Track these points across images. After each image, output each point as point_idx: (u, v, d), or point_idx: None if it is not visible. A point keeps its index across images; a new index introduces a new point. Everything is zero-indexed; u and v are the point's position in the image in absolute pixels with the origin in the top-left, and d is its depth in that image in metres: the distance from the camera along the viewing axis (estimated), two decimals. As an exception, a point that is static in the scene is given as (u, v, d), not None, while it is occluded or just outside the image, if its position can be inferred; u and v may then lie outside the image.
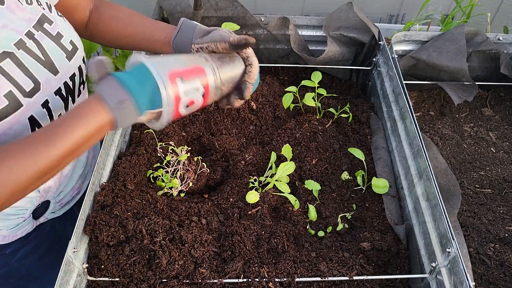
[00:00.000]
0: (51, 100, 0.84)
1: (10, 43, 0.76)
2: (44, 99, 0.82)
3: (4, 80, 0.74)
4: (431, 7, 2.19)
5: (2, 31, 0.75)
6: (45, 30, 0.83)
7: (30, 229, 1.05)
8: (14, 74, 0.76)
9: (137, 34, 0.99)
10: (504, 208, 1.26)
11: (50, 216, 1.10)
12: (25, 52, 0.79)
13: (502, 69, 1.52)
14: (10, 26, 0.77)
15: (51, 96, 0.84)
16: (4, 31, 0.76)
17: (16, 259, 1.06)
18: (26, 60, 0.79)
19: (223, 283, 0.89)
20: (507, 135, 1.51)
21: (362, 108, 1.42)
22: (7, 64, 0.75)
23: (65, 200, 1.11)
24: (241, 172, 1.17)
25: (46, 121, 0.84)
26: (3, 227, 0.98)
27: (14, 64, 0.76)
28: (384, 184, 1.12)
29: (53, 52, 0.84)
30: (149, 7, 2.12)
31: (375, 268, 0.98)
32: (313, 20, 1.54)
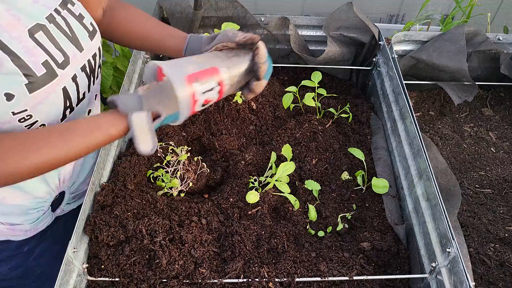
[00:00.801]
0: (79, 75, 0.88)
1: (42, 16, 0.80)
2: (73, 73, 0.86)
3: (39, 50, 0.78)
4: (431, 7, 2.19)
5: (34, 5, 0.79)
6: (69, 10, 0.87)
7: (49, 222, 1.07)
8: (47, 46, 0.80)
9: (150, 38, 1.04)
10: (504, 208, 1.26)
11: (66, 208, 1.12)
12: (55, 26, 0.82)
13: (502, 69, 1.52)
14: (41, 2, 0.80)
15: (78, 71, 0.87)
16: (36, 5, 0.79)
17: (32, 257, 1.08)
18: (56, 34, 0.82)
19: (223, 283, 0.89)
20: (507, 135, 1.51)
21: (362, 108, 1.42)
22: (41, 36, 0.78)
23: (78, 191, 1.14)
24: (241, 172, 1.17)
25: (75, 95, 0.88)
26: (25, 221, 1.00)
27: (46, 37, 0.80)
28: (384, 184, 1.12)
29: (78, 30, 0.88)
30: (149, 7, 2.12)
31: (375, 268, 0.98)
32: (313, 20, 1.54)
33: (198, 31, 1.44)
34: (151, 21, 1.05)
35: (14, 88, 0.74)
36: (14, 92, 0.74)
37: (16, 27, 0.74)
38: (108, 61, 1.96)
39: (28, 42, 0.76)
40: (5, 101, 0.74)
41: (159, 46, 1.05)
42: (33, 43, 0.77)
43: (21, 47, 0.74)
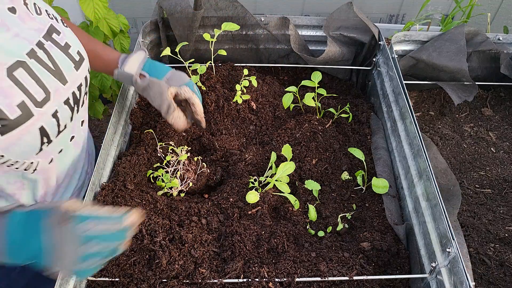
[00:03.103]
0: (60, 110, 0.84)
1: (22, 52, 0.76)
2: (54, 109, 0.82)
3: (17, 90, 0.74)
4: (431, 7, 2.19)
5: (15, 39, 0.75)
6: (54, 40, 0.83)
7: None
8: (26, 84, 0.76)
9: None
10: (504, 208, 1.26)
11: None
12: (37, 61, 0.79)
13: (502, 69, 1.52)
14: (22, 35, 0.77)
15: (60, 105, 0.84)
16: (16, 39, 0.76)
17: (17, 271, 1.04)
18: (38, 69, 0.79)
19: (223, 283, 0.89)
20: (507, 135, 1.51)
21: (362, 108, 1.42)
22: (20, 74, 0.75)
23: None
24: (241, 172, 1.17)
25: (54, 130, 0.84)
26: None
27: (27, 74, 0.76)
28: (384, 184, 1.12)
29: (62, 62, 0.84)
30: (149, 7, 2.12)
31: (375, 268, 0.98)
32: (313, 20, 1.54)
33: (198, 31, 1.44)
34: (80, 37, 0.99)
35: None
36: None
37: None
38: (108, 61, 1.96)
39: (4, 82, 0.72)
40: None
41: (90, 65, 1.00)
42: (10, 83, 0.73)
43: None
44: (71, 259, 0.70)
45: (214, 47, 1.32)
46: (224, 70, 1.41)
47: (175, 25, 1.43)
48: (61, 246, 0.70)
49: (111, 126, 1.14)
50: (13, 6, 0.75)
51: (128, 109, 1.29)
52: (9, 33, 0.74)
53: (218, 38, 1.37)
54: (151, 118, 1.31)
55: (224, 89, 1.34)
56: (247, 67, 1.43)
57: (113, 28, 1.67)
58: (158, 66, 1.10)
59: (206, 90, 1.31)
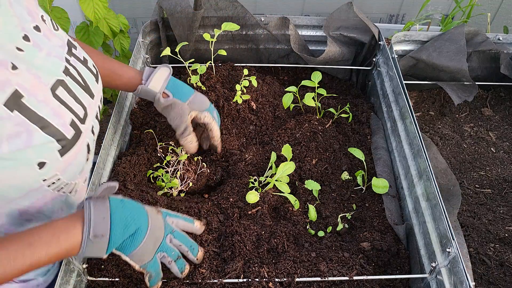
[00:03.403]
0: (94, 124, 0.84)
1: (59, 71, 0.76)
2: (91, 124, 0.82)
3: (64, 109, 0.74)
4: (431, 7, 2.19)
5: (49, 59, 0.74)
6: (75, 56, 0.83)
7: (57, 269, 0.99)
8: (68, 102, 0.75)
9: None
10: (504, 208, 1.26)
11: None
12: (71, 78, 0.78)
13: (502, 69, 1.52)
14: (52, 53, 0.76)
15: (93, 120, 0.84)
16: (50, 59, 0.74)
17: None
18: (73, 86, 0.78)
19: (223, 283, 0.89)
20: (507, 135, 1.51)
21: (362, 108, 1.42)
22: (61, 92, 0.74)
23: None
24: (241, 172, 1.17)
25: (93, 146, 0.85)
26: (37, 275, 0.93)
27: (66, 92, 0.75)
28: (384, 184, 1.12)
29: (87, 77, 0.84)
30: (149, 7, 2.12)
31: (375, 268, 0.98)
32: (313, 20, 1.54)
33: (198, 31, 1.44)
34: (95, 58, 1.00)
35: (47, 156, 0.70)
36: (46, 159, 0.70)
37: (39, 88, 0.70)
38: (108, 61, 1.96)
39: (53, 102, 0.72)
40: (38, 170, 0.70)
41: (107, 84, 1.04)
42: (57, 103, 0.73)
43: (48, 110, 0.70)
44: (155, 246, 0.81)
45: (214, 47, 1.32)
46: (224, 70, 1.41)
47: (175, 25, 1.43)
48: (154, 229, 0.80)
49: (111, 126, 1.14)
50: (37, 24, 0.74)
51: (128, 109, 1.29)
52: (43, 53, 0.73)
53: (218, 38, 1.37)
54: (151, 118, 1.31)
55: (224, 89, 1.34)
56: (247, 67, 1.43)
57: (113, 28, 1.67)
58: (182, 86, 1.09)
59: (206, 90, 1.31)
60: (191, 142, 1.09)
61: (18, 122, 0.65)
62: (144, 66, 1.45)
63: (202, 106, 1.09)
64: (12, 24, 0.68)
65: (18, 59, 0.67)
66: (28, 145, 0.66)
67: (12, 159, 0.65)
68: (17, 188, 0.71)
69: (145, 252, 0.79)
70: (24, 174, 0.69)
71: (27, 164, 0.68)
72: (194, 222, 0.92)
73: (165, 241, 0.83)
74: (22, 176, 0.69)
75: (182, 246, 0.86)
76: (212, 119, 1.11)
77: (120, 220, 0.76)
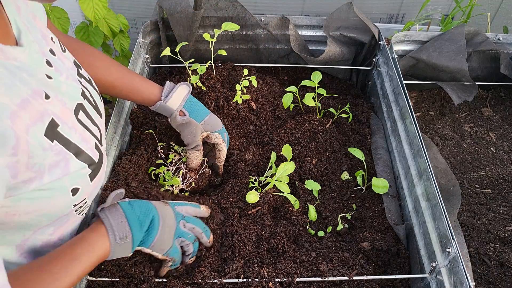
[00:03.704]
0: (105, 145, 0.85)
1: (78, 94, 0.76)
2: (104, 146, 0.83)
3: (88, 133, 0.74)
4: (431, 7, 2.19)
5: (68, 82, 0.74)
6: (83, 76, 0.82)
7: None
8: (88, 125, 0.76)
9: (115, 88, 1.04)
10: (504, 208, 1.26)
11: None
12: (87, 101, 0.78)
13: (502, 69, 1.52)
14: (70, 77, 0.75)
15: (104, 140, 0.85)
16: (69, 82, 0.74)
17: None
18: (89, 109, 0.78)
19: (223, 283, 0.89)
20: (507, 135, 1.51)
21: (362, 108, 1.42)
22: (82, 116, 0.74)
23: None
24: (241, 172, 1.17)
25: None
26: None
27: (85, 115, 0.76)
28: (384, 184, 1.12)
29: (95, 96, 0.84)
30: (149, 7, 2.12)
31: (375, 268, 0.98)
32: (313, 20, 1.54)
33: (198, 31, 1.44)
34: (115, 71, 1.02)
35: (80, 182, 0.71)
36: (79, 185, 0.71)
37: (67, 115, 0.69)
38: (108, 61, 1.96)
39: (79, 127, 0.72)
40: (71, 196, 0.71)
41: (126, 97, 1.06)
42: (82, 127, 0.73)
43: (77, 136, 0.70)
44: (171, 232, 0.86)
45: (214, 47, 1.32)
46: (224, 70, 1.41)
47: (175, 25, 1.43)
48: (166, 219, 0.85)
49: (111, 126, 1.14)
50: (51, 48, 0.73)
51: (128, 109, 1.29)
52: (63, 77, 0.73)
53: (218, 38, 1.37)
54: (151, 118, 1.31)
55: (224, 89, 1.34)
56: (247, 67, 1.43)
57: (113, 28, 1.67)
58: (198, 107, 1.11)
59: (206, 90, 1.31)
60: (196, 158, 1.13)
61: (57, 151, 0.65)
62: (144, 66, 1.44)
63: (215, 128, 1.13)
64: (35, 50, 0.67)
65: (48, 87, 0.67)
66: (65, 173, 0.67)
67: (50, 188, 0.65)
68: (49, 216, 0.71)
69: (164, 241, 0.84)
70: (58, 202, 0.69)
71: (62, 192, 0.68)
72: (200, 206, 0.98)
73: (179, 227, 0.88)
74: (56, 204, 0.69)
75: (196, 229, 0.92)
76: (222, 141, 1.14)
77: (135, 219, 0.81)
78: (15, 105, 0.57)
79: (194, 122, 1.08)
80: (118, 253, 0.79)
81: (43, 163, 0.62)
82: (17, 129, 0.56)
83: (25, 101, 0.59)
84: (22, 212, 0.65)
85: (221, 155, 1.16)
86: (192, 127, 1.08)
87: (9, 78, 0.58)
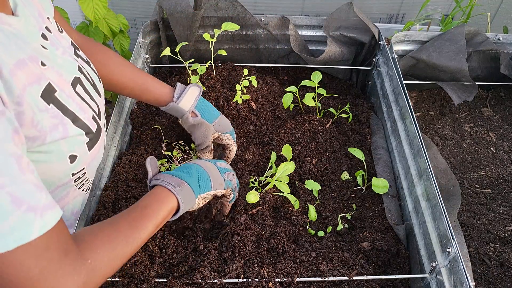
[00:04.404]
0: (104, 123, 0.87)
1: (75, 69, 0.78)
2: (104, 122, 0.85)
3: (85, 105, 0.76)
4: (431, 7, 2.19)
5: (65, 57, 0.76)
6: (80, 57, 0.84)
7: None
8: (86, 99, 0.78)
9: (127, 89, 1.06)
10: (504, 208, 1.26)
11: None
12: (84, 77, 0.80)
13: (502, 69, 1.52)
14: (67, 53, 0.78)
15: (104, 119, 0.86)
16: (65, 57, 0.76)
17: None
18: (87, 84, 0.81)
19: (223, 283, 0.89)
20: (507, 135, 1.51)
21: (362, 108, 1.42)
22: (80, 89, 0.77)
23: None
24: (241, 172, 1.17)
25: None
26: None
27: (82, 89, 0.78)
28: (384, 184, 1.12)
29: (93, 76, 0.86)
30: (149, 7, 2.12)
31: (375, 268, 0.98)
32: (313, 20, 1.54)
33: (198, 31, 1.44)
34: (129, 71, 1.04)
35: (77, 149, 0.73)
36: (77, 152, 0.73)
37: (64, 85, 0.72)
38: (108, 61, 1.96)
39: (75, 97, 0.74)
40: (69, 163, 0.73)
41: (137, 97, 1.08)
42: (79, 98, 0.75)
43: (75, 105, 0.73)
44: (217, 170, 0.93)
45: (214, 47, 1.32)
46: (224, 70, 1.41)
47: (175, 25, 1.43)
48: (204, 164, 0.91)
49: (111, 126, 1.14)
50: (47, 25, 0.75)
51: (128, 109, 1.29)
52: (59, 52, 0.75)
53: (218, 38, 1.37)
54: (151, 118, 1.31)
55: (224, 89, 1.34)
56: (247, 67, 1.43)
57: (113, 28, 1.67)
58: (209, 108, 1.12)
59: (206, 90, 1.31)
60: (207, 158, 1.14)
61: (54, 114, 0.67)
62: (144, 66, 1.45)
63: (226, 129, 1.14)
64: (31, 23, 0.69)
65: (44, 57, 0.69)
66: (64, 136, 0.69)
67: (48, 152, 0.67)
68: (48, 183, 0.73)
69: (217, 178, 0.91)
70: (56, 168, 0.71)
71: (60, 157, 0.70)
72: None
73: (218, 165, 0.95)
74: (54, 169, 0.71)
75: (228, 165, 1.00)
76: (233, 142, 1.16)
77: (181, 172, 0.85)
78: (12, 65, 0.59)
79: (206, 123, 1.09)
80: (186, 199, 0.81)
81: (43, 123, 0.65)
82: (17, 83, 0.59)
83: (21, 61, 0.62)
84: None
85: (231, 155, 1.18)
86: (203, 128, 1.09)
87: (6, 39, 0.60)
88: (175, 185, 0.80)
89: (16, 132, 0.55)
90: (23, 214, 0.51)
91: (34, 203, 0.53)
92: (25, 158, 0.54)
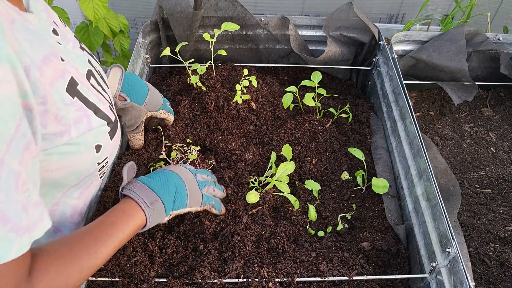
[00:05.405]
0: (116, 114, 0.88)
1: (86, 62, 0.79)
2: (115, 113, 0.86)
3: (101, 96, 0.78)
4: (431, 7, 2.19)
5: (75, 51, 0.78)
6: (84, 49, 0.85)
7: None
8: (100, 91, 0.80)
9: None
10: (504, 208, 1.26)
11: None
12: (94, 69, 0.82)
13: (502, 69, 1.52)
14: (76, 47, 0.79)
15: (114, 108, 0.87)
16: (76, 51, 0.78)
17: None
18: (98, 76, 0.82)
19: (223, 283, 0.89)
20: (507, 135, 1.51)
21: (362, 108, 1.42)
22: (93, 82, 0.79)
23: None
24: (241, 172, 1.17)
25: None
26: None
27: (95, 81, 0.80)
28: (384, 184, 1.12)
29: (99, 68, 0.88)
30: (149, 7, 2.12)
31: (375, 268, 0.98)
32: (313, 20, 1.54)
33: (198, 31, 1.44)
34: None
35: (102, 139, 0.76)
36: (102, 142, 0.76)
37: (82, 78, 0.74)
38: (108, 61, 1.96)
39: (92, 89, 0.76)
40: (95, 153, 0.75)
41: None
42: (95, 90, 0.77)
43: (94, 97, 0.75)
44: (196, 184, 0.90)
45: (214, 47, 1.32)
46: (224, 70, 1.41)
47: (175, 25, 1.43)
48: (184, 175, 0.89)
49: (111, 126, 1.14)
50: (53, 20, 0.77)
51: (128, 109, 1.29)
52: (70, 45, 0.77)
53: (218, 38, 1.37)
54: (151, 118, 1.31)
55: (224, 89, 1.34)
56: (247, 67, 1.43)
57: (113, 28, 1.67)
58: (136, 87, 1.08)
59: (206, 90, 1.31)
60: (138, 139, 1.15)
61: (78, 107, 0.69)
62: (144, 66, 1.45)
63: (157, 105, 1.13)
64: (43, 19, 0.71)
65: (61, 52, 0.71)
66: (89, 128, 0.71)
67: (77, 143, 0.70)
68: (77, 174, 0.75)
69: (195, 194, 0.89)
70: (85, 158, 0.73)
71: (87, 148, 0.73)
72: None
73: (198, 179, 0.93)
74: (83, 159, 0.73)
75: (209, 176, 0.99)
76: (168, 114, 1.16)
77: (158, 185, 0.83)
78: (39, 61, 0.62)
79: (136, 106, 1.07)
80: (155, 218, 0.80)
81: (67, 117, 0.66)
82: (44, 81, 0.61)
83: (46, 57, 0.64)
84: (54, 168, 0.69)
85: (170, 123, 1.20)
86: (134, 111, 1.07)
87: (30, 36, 0.62)
88: (148, 202, 0.79)
89: (27, 147, 0.56)
90: (6, 233, 0.51)
91: (17, 223, 0.53)
92: (23, 175, 0.55)
